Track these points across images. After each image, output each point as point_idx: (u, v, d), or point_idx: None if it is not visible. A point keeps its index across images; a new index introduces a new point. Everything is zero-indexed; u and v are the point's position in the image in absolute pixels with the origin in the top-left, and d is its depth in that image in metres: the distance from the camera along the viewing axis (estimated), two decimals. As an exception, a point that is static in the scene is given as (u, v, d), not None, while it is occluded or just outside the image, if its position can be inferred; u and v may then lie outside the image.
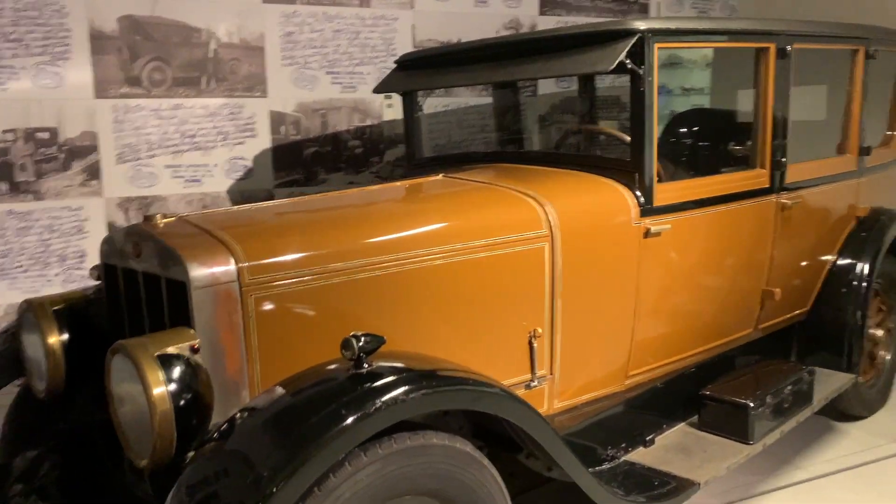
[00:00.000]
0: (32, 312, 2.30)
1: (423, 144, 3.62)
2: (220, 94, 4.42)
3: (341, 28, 4.68)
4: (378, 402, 1.72)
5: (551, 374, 2.68)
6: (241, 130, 4.51)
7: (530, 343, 2.59)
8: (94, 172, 4.19)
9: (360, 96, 4.78)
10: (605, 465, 2.74)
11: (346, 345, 1.82)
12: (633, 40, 2.62)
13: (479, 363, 2.48)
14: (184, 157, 4.39)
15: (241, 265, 2.02)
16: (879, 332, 3.88)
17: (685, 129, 3.96)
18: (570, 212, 2.63)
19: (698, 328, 3.10)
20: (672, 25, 2.72)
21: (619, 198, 2.74)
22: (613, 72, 2.61)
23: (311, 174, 4.71)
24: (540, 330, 2.59)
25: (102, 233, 4.26)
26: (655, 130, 2.73)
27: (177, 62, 4.31)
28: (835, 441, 3.63)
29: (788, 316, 3.54)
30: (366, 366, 1.82)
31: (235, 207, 2.51)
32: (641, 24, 2.64)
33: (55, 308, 2.33)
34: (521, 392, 2.61)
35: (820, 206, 3.47)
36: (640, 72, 2.66)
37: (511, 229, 2.51)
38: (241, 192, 4.53)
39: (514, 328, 2.56)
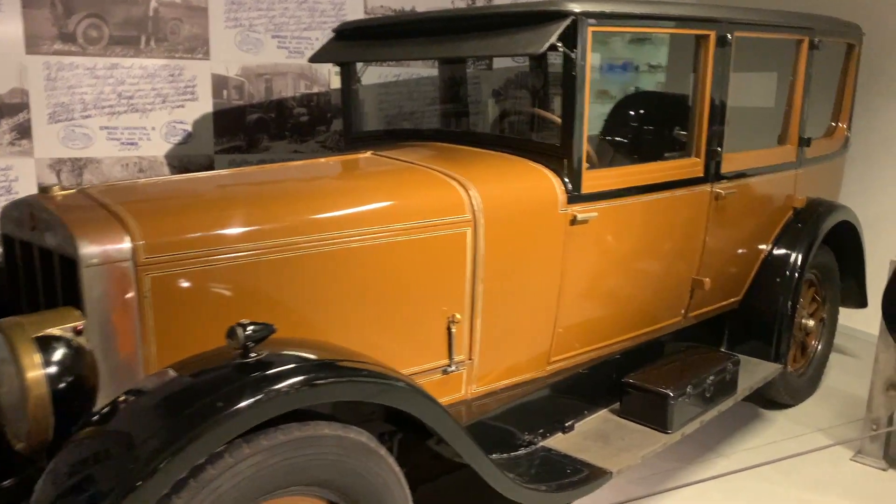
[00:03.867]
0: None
1: (361, 118, 3.53)
2: (159, 55, 4.27)
3: (289, -10, 4.54)
4: (261, 393, 1.67)
5: (470, 358, 2.65)
6: (182, 93, 4.37)
7: (448, 328, 2.56)
8: (24, 131, 4.04)
9: (307, 62, 4.65)
10: (522, 451, 2.73)
11: (231, 334, 1.75)
12: (566, 23, 2.56)
13: (394, 348, 2.45)
14: (120, 118, 4.25)
15: (136, 243, 1.95)
16: (811, 323, 3.91)
17: (631, 113, 3.91)
18: (495, 197, 2.58)
19: (624, 315, 3.09)
20: (607, 9, 2.65)
21: (546, 184, 2.69)
22: (543, 55, 2.55)
23: (253, 141, 4.60)
24: (459, 315, 2.55)
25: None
26: (586, 115, 2.68)
27: (114, 19, 4.15)
28: (759, 429, 3.67)
29: (720, 305, 3.55)
30: (253, 355, 1.76)
31: (144, 180, 2.42)
32: (575, 7, 2.57)
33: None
34: (437, 377, 2.58)
35: (756, 197, 3.46)
36: (573, 55, 2.59)
37: (433, 213, 2.45)
38: (180, 158, 4.41)
39: (432, 313, 2.52)
